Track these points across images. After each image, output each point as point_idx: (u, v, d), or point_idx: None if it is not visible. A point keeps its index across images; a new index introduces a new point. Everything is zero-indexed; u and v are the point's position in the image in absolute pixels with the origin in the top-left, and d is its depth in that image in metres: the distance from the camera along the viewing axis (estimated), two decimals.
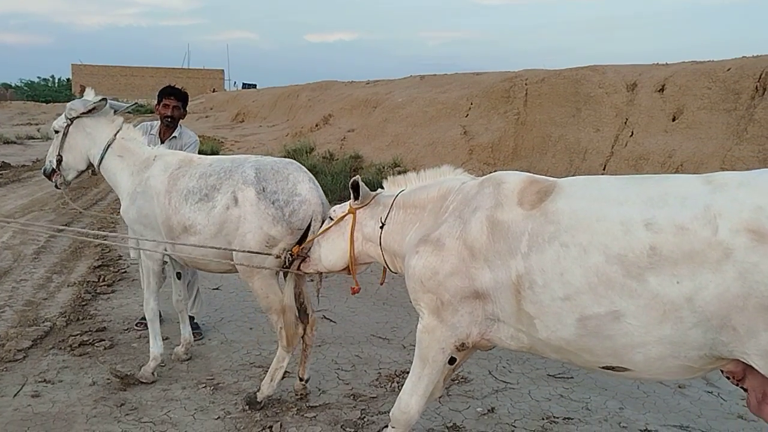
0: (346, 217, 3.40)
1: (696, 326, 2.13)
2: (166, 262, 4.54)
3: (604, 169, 11.16)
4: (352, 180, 3.35)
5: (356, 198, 3.35)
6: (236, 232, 3.85)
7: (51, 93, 54.23)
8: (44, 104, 45.36)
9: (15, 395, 4.22)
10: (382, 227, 3.19)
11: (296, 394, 4.22)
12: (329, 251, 3.47)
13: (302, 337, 4.18)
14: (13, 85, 60.43)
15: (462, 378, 4.61)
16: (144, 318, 5.39)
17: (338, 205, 3.57)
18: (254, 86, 56.39)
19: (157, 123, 5.50)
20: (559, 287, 2.31)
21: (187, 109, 5.71)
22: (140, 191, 4.22)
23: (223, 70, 73.80)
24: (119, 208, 4.55)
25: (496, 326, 2.63)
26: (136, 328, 5.46)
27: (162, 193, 4.11)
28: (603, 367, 2.44)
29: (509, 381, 4.60)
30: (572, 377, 4.65)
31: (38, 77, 62.72)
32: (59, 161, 4.55)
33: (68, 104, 4.59)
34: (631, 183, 2.36)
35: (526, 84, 13.69)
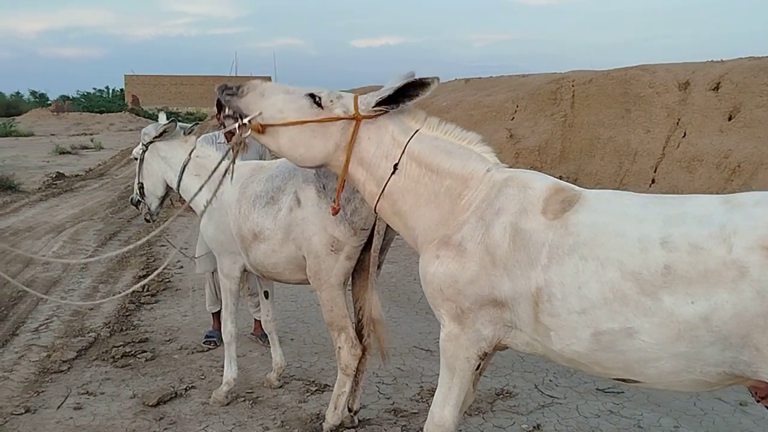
0: (342, 120, 2.74)
1: (713, 344, 2.09)
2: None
3: (655, 171, 10.81)
4: (411, 78, 2.62)
5: (383, 104, 2.68)
6: (302, 236, 3.64)
7: (105, 103, 55.68)
8: (98, 114, 46.64)
9: (58, 407, 4.26)
10: (394, 172, 2.73)
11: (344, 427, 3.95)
12: (299, 141, 2.76)
13: (362, 359, 3.89)
14: (70, 96, 62.39)
15: (506, 392, 4.46)
16: (210, 335, 5.42)
17: (331, 92, 2.81)
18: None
19: (219, 132, 5.38)
20: (576, 301, 2.26)
21: None
22: (216, 207, 4.09)
23: (270, 77, 74.70)
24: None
25: (513, 333, 2.57)
26: (203, 345, 5.35)
27: (233, 204, 3.99)
28: (613, 378, 2.42)
29: (556, 395, 4.42)
30: (623, 392, 4.44)
31: (94, 88, 64.66)
32: (141, 188, 4.50)
33: (143, 130, 4.55)
34: (653, 201, 2.33)
35: (573, 85, 13.38)
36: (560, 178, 10.53)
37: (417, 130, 2.75)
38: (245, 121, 2.75)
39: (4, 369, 4.88)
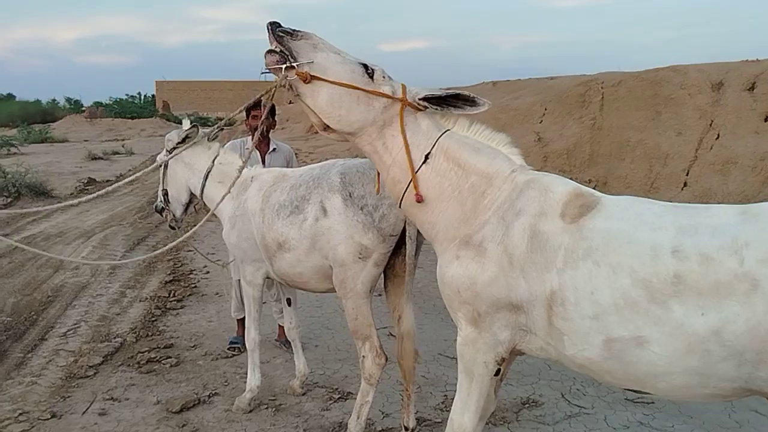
0: (386, 100, 2.67)
1: (726, 360, 2.04)
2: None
3: (687, 174, 10.59)
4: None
5: (425, 102, 2.66)
6: (329, 246, 3.60)
7: (136, 109, 56.73)
8: (130, 120, 47.49)
9: (83, 413, 4.28)
10: (424, 162, 2.71)
11: None
12: (341, 102, 2.65)
13: (401, 370, 3.82)
14: (103, 102, 63.56)
15: (532, 401, 4.37)
16: (234, 341, 5.42)
17: (383, 70, 2.73)
18: None
19: (248, 138, 5.39)
20: (588, 306, 2.26)
21: None
22: (239, 214, 4.11)
23: None
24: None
25: (528, 337, 2.54)
26: (227, 351, 5.36)
27: (257, 213, 3.96)
28: (625, 389, 2.42)
29: (583, 405, 4.32)
30: (653, 402, 4.31)
31: (126, 94, 65.90)
32: (165, 195, 4.51)
33: (166, 136, 4.55)
34: (670, 210, 2.31)
35: (602, 87, 13.18)
36: (589, 182, 10.42)
37: (448, 129, 2.76)
38: (295, 63, 2.62)
39: (33, 374, 4.93)
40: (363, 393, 3.77)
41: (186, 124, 4.55)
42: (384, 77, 2.71)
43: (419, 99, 2.69)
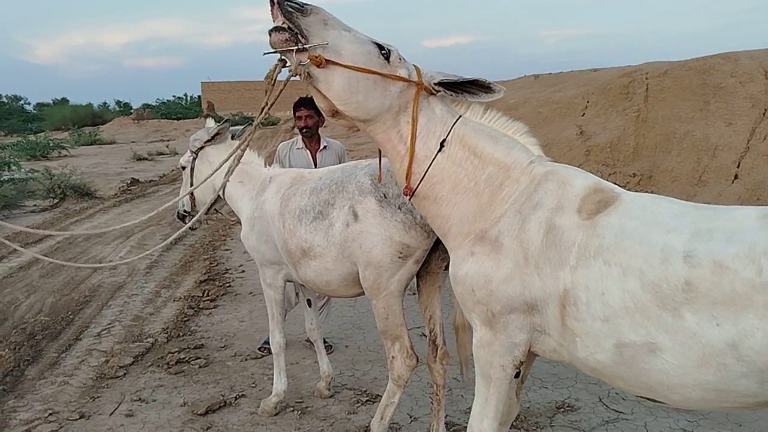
0: (402, 83, 2.50)
1: (747, 377, 1.93)
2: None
3: (738, 167, 10.12)
4: None
5: (440, 87, 2.52)
6: (360, 250, 3.42)
7: (182, 110, 57.73)
8: (175, 121, 48.34)
9: (111, 414, 4.27)
10: (440, 150, 2.55)
11: None
12: (359, 88, 2.45)
13: (431, 376, 3.72)
14: (151, 104, 64.92)
15: (567, 405, 4.18)
16: (267, 341, 5.30)
17: (397, 51, 2.55)
18: None
19: (297, 138, 5.29)
20: (599, 307, 2.16)
21: None
22: (257, 216, 4.01)
23: None
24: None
25: (542, 338, 2.42)
26: (258, 351, 5.29)
27: (276, 216, 3.84)
28: (639, 396, 2.32)
29: (622, 410, 4.10)
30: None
31: (173, 96, 67.16)
32: (192, 198, 4.39)
33: (191, 137, 4.43)
34: (690, 211, 2.18)
35: (646, 78, 12.72)
36: (633, 176, 10.04)
37: (461, 115, 2.60)
38: (308, 46, 2.34)
39: (66, 374, 4.96)
40: (389, 394, 3.65)
41: (210, 122, 4.48)
42: (400, 59, 2.54)
43: (434, 83, 2.54)
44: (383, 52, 2.48)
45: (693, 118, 11.18)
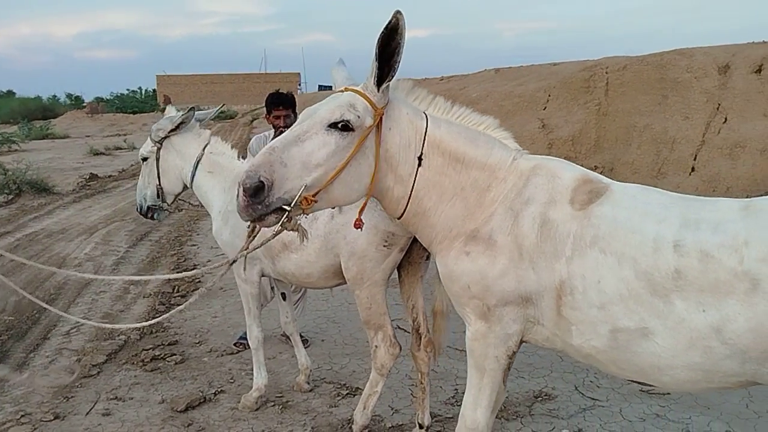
0: (366, 129, 2.37)
1: (730, 358, 2.06)
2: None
3: (695, 159, 10.43)
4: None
5: (381, 82, 2.37)
6: (345, 241, 3.43)
7: (138, 104, 56.48)
8: (131, 115, 47.35)
9: (87, 413, 4.20)
10: (419, 165, 2.47)
11: None
12: (352, 179, 2.40)
13: (416, 364, 3.73)
14: (105, 98, 63.40)
15: (545, 395, 4.27)
16: (243, 337, 5.25)
17: (350, 102, 2.38)
18: (330, 88, 56.86)
19: (270, 133, 5.24)
20: (595, 295, 2.24)
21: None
22: (231, 209, 3.87)
23: (299, 73, 74.38)
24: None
25: (535, 329, 2.49)
26: (234, 347, 5.26)
27: None
28: (629, 380, 2.44)
29: (597, 398, 4.22)
30: (669, 393, 4.21)
31: (127, 89, 65.72)
32: (160, 191, 4.20)
33: (153, 126, 4.26)
34: (678, 202, 2.28)
35: (606, 72, 12.98)
36: (595, 168, 10.30)
37: (426, 113, 2.56)
38: (292, 206, 2.28)
39: (36, 374, 4.85)
40: (372, 384, 3.67)
41: (171, 111, 4.32)
42: (359, 115, 2.35)
43: (380, 91, 2.39)
44: (341, 126, 2.33)
45: (652, 112, 11.47)
